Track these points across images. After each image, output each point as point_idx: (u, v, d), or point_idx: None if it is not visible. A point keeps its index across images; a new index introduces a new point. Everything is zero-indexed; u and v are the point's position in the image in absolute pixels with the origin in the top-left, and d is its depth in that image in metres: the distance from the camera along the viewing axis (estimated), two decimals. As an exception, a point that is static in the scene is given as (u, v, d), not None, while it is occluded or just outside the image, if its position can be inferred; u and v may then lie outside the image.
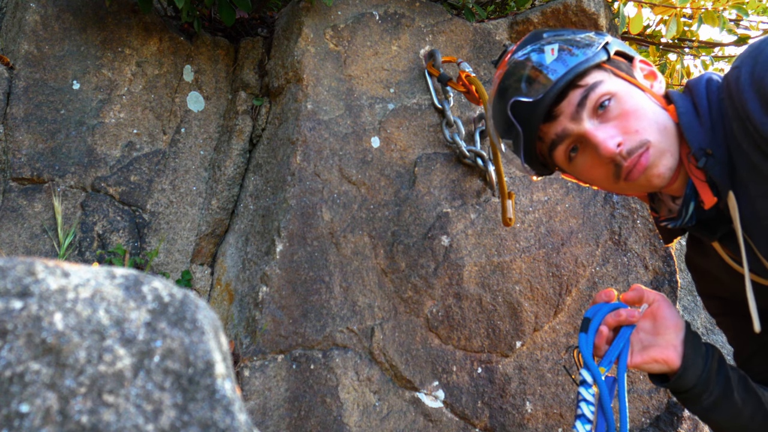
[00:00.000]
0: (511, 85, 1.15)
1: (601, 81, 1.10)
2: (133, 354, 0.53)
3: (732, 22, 2.71)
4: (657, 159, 1.09)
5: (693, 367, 1.16)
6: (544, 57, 1.12)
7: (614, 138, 1.08)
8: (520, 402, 1.76)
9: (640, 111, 1.10)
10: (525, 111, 1.12)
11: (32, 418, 0.47)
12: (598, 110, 1.10)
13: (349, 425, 1.60)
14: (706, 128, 1.08)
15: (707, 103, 1.10)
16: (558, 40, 1.15)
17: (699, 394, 1.17)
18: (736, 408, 1.18)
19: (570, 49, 1.12)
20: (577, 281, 1.87)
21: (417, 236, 1.77)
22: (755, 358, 1.30)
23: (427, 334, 1.73)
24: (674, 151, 1.10)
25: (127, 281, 0.58)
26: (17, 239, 1.64)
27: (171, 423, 0.53)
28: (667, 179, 1.11)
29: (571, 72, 1.09)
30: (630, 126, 1.09)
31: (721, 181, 1.07)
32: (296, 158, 1.71)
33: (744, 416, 1.19)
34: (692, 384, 1.17)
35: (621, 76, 1.13)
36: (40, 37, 1.76)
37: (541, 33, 1.20)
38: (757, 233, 1.08)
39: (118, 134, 1.81)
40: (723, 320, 1.36)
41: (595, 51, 1.11)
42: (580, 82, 1.10)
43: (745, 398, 1.19)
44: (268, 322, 1.59)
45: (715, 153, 1.06)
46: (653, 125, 1.09)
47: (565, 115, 1.12)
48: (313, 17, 1.85)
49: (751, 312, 1.10)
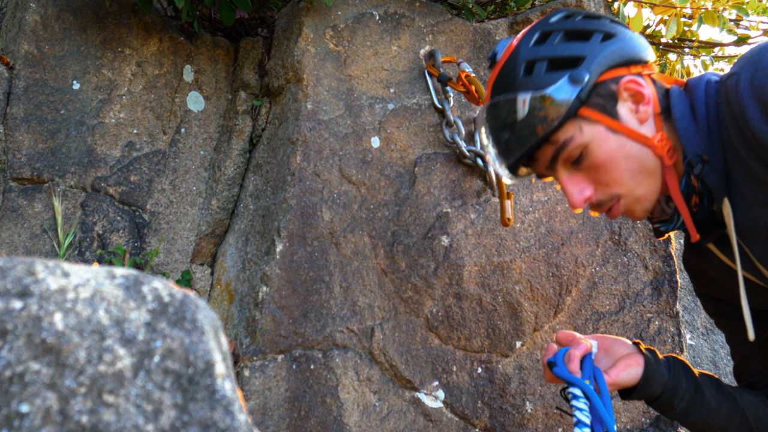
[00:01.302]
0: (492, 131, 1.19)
1: (572, 137, 1.10)
2: (133, 354, 0.53)
3: (732, 22, 2.71)
4: (630, 206, 1.13)
5: (656, 374, 1.23)
6: (516, 112, 1.12)
7: (584, 191, 1.12)
8: (520, 402, 1.76)
9: (613, 162, 1.09)
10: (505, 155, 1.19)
11: (32, 418, 0.47)
12: (571, 163, 1.13)
13: (349, 425, 1.60)
14: (703, 134, 1.07)
15: (705, 108, 1.09)
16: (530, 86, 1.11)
17: (670, 399, 1.23)
18: (710, 410, 1.24)
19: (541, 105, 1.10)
20: (577, 281, 1.87)
21: (417, 236, 1.77)
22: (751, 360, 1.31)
23: (427, 334, 1.73)
24: (653, 190, 1.12)
25: (127, 281, 0.58)
26: (17, 239, 1.64)
27: (171, 423, 0.53)
28: (647, 214, 1.15)
29: (542, 137, 1.11)
30: (601, 178, 1.11)
31: (717, 188, 1.07)
32: (296, 158, 1.71)
33: (720, 417, 1.24)
34: (660, 390, 1.23)
35: (597, 119, 1.10)
36: (40, 37, 1.76)
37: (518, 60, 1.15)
38: (753, 239, 1.08)
39: (118, 134, 1.81)
40: (720, 320, 1.37)
41: (569, 100, 1.08)
42: (552, 138, 1.11)
43: (720, 399, 1.24)
44: (268, 322, 1.59)
45: (712, 160, 1.06)
46: (625, 175, 1.10)
47: (541, 162, 1.16)
48: (313, 17, 1.85)
49: (746, 320, 1.11)
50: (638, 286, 1.93)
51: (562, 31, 1.14)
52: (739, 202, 1.06)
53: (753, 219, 1.05)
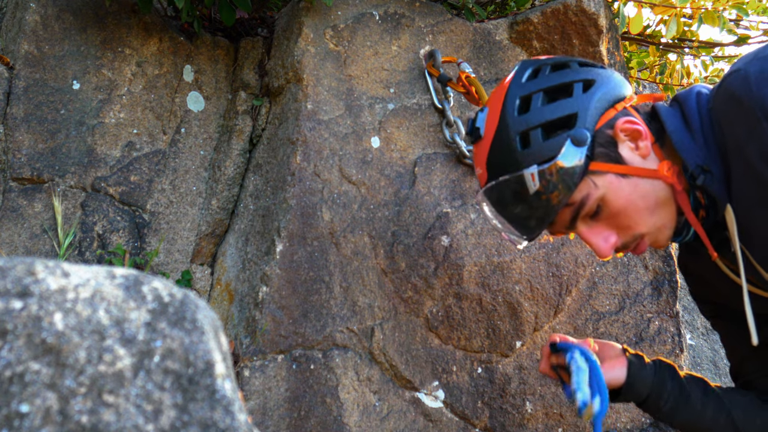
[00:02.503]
0: (500, 209, 1.19)
1: (587, 194, 1.10)
2: (133, 354, 0.53)
3: (732, 22, 2.71)
4: (655, 239, 1.15)
5: (640, 376, 1.26)
6: (526, 188, 1.11)
7: (608, 239, 1.13)
8: (520, 402, 1.76)
9: (631, 206, 1.10)
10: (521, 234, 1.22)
11: (32, 418, 0.47)
12: (590, 218, 1.14)
13: (349, 425, 1.60)
14: (700, 144, 1.08)
15: (699, 117, 1.09)
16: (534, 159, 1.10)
17: (656, 401, 1.27)
18: (695, 411, 1.26)
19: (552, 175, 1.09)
20: (577, 281, 1.87)
21: (417, 236, 1.77)
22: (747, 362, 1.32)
23: (427, 334, 1.73)
24: (671, 218, 1.13)
25: (127, 281, 0.58)
26: (17, 239, 1.64)
27: (171, 423, 0.53)
28: (670, 241, 1.18)
29: (559, 205, 1.11)
30: (621, 223, 1.12)
31: (719, 195, 1.07)
32: (296, 158, 1.71)
33: (706, 418, 1.26)
34: (646, 393, 1.26)
35: (606, 169, 1.10)
36: (40, 37, 1.76)
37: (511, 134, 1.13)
38: (754, 242, 1.08)
39: (118, 134, 1.81)
40: (716, 323, 1.38)
41: (579, 162, 1.08)
42: (569, 201, 1.12)
43: (705, 402, 1.27)
44: (268, 322, 1.59)
45: (712, 168, 1.06)
46: (644, 214, 1.11)
47: (559, 223, 1.17)
48: (313, 17, 1.85)
49: (749, 325, 1.11)
50: (638, 286, 1.93)
51: (540, 93, 1.13)
52: (740, 207, 1.06)
53: (754, 221, 1.05)
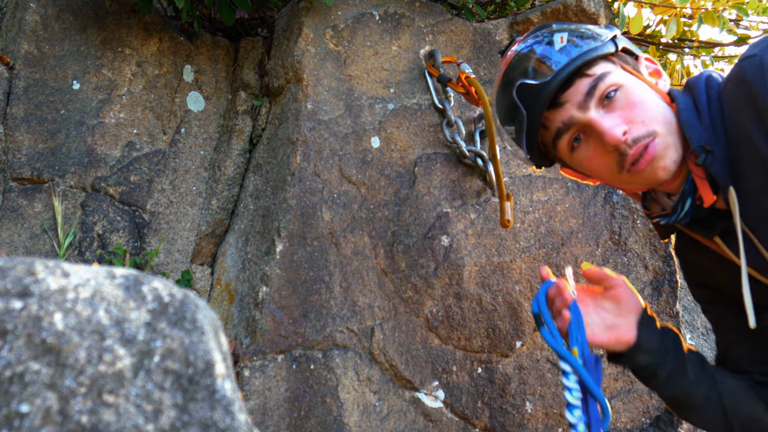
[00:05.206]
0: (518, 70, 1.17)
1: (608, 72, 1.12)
2: (133, 354, 0.53)
3: (732, 22, 2.71)
4: (663, 151, 1.10)
5: (647, 344, 1.23)
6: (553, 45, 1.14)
7: (620, 126, 1.10)
8: (520, 402, 1.76)
9: (647, 103, 1.11)
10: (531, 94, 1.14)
11: (32, 418, 0.47)
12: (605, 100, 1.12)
13: (349, 425, 1.60)
14: (706, 125, 1.09)
15: (707, 100, 1.11)
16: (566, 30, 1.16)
17: (654, 370, 1.24)
18: (689, 385, 1.24)
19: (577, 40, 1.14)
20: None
21: (417, 236, 1.77)
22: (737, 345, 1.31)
23: (427, 334, 1.73)
24: (678, 146, 1.11)
25: (127, 281, 0.58)
26: (17, 239, 1.64)
27: (171, 423, 0.53)
28: (672, 173, 1.11)
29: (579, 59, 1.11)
30: (636, 116, 1.10)
31: (721, 177, 1.07)
32: (296, 158, 1.71)
33: (699, 395, 1.24)
34: (648, 362, 1.23)
35: (627, 70, 1.15)
36: (40, 37, 1.76)
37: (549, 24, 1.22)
38: (760, 227, 1.08)
39: (118, 134, 1.81)
40: (709, 308, 1.37)
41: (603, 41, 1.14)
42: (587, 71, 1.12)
43: (701, 378, 1.24)
44: (268, 322, 1.59)
45: (715, 149, 1.07)
46: (659, 117, 1.11)
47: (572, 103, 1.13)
48: (313, 17, 1.85)
49: (747, 307, 1.10)
50: (638, 286, 1.93)
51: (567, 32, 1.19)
52: (745, 190, 1.06)
53: (761, 206, 1.05)
